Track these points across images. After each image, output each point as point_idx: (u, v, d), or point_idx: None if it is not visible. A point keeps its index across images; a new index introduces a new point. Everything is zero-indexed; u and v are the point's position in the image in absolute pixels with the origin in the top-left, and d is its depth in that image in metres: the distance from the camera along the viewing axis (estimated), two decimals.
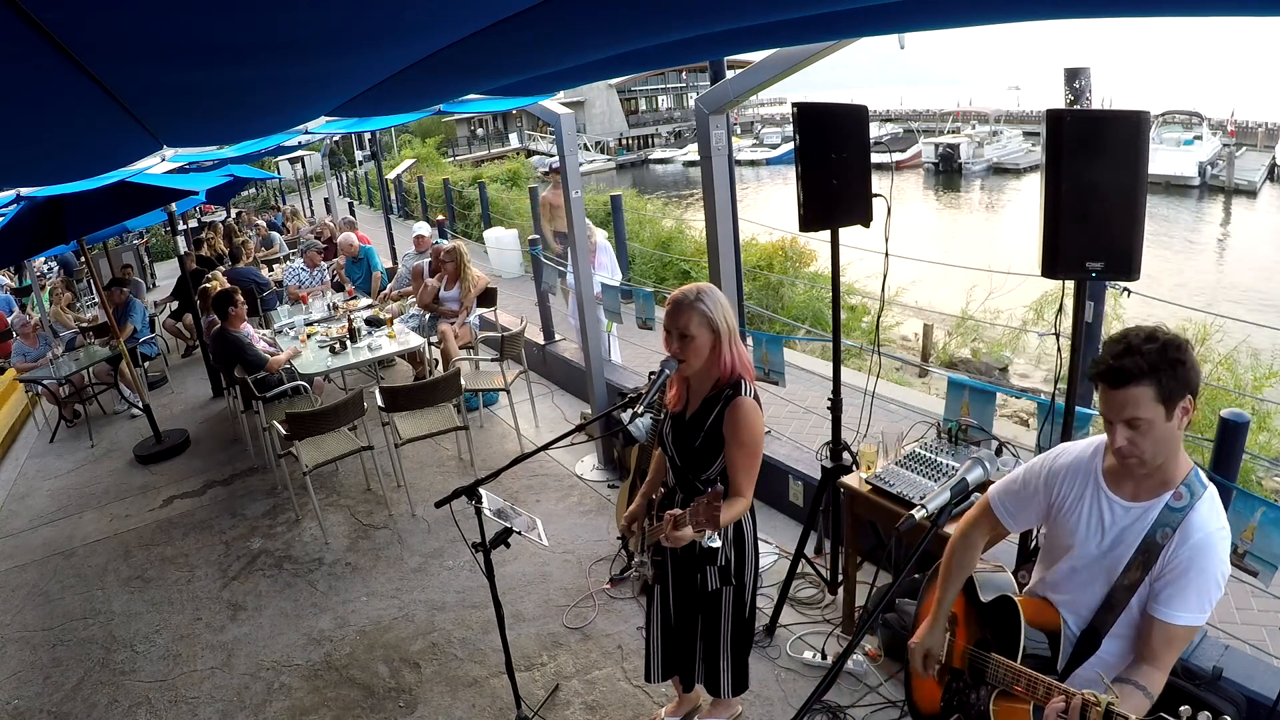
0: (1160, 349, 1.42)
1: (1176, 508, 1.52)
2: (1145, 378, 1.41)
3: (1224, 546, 1.50)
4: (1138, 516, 1.56)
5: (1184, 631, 1.49)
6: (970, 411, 2.96)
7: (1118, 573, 1.57)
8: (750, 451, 2.12)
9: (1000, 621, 1.71)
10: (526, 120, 46.29)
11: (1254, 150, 32.79)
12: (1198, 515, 1.50)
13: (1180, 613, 1.48)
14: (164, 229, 13.75)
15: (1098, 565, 1.62)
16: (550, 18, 1.40)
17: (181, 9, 1.06)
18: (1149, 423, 1.44)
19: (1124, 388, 1.43)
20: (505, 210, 14.41)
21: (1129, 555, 1.56)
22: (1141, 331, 1.46)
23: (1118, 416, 1.46)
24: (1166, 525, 1.52)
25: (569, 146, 4.28)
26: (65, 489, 5.82)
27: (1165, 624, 1.49)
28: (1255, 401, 5.54)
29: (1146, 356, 1.42)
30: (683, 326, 2.08)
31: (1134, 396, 1.43)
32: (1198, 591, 1.48)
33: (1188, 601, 1.48)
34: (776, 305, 8.84)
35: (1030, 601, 1.72)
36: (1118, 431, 1.47)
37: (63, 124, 1.87)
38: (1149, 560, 1.53)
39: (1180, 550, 1.49)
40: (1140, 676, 1.49)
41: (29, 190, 4.61)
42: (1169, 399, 1.43)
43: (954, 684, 1.83)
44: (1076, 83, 2.57)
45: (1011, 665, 1.61)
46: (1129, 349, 1.43)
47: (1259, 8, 1.35)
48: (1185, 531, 1.50)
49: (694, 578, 2.32)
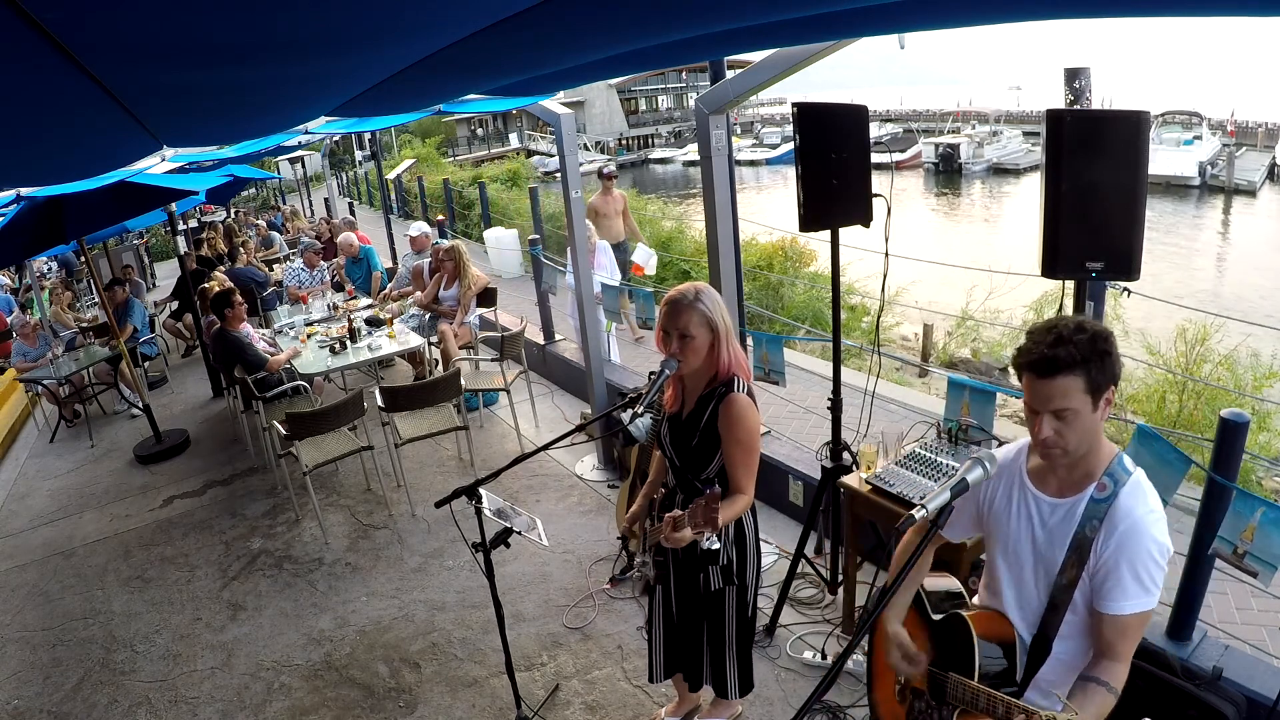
0: (1090, 339, 1.41)
1: (1101, 499, 1.51)
2: (1076, 368, 1.41)
3: (1157, 528, 1.48)
4: (1066, 512, 1.55)
5: (1134, 619, 1.48)
6: (970, 411, 2.96)
7: (1055, 571, 1.56)
8: (747, 448, 2.12)
9: (954, 638, 1.69)
10: (526, 120, 46.29)
11: (1254, 150, 32.79)
12: (1122, 503, 1.49)
13: (1124, 602, 1.47)
14: (164, 229, 13.76)
15: (1035, 567, 1.61)
16: (550, 18, 1.40)
17: (181, 9, 1.06)
18: (1076, 413, 1.43)
19: (1054, 378, 1.42)
20: (505, 210, 14.41)
21: (1063, 554, 1.55)
22: (1070, 321, 1.45)
23: (1045, 407, 1.45)
24: (1094, 518, 1.51)
25: (569, 146, 4.28)
26: (65, 489, 5.82)
27: (1113, 616, 1.48)
28: (1255, 401, 5.54)
29: (1079, 347, 1.40)
30: (682, 327, 2.08)
31: (1063, 387, 1.42)
32: (1135, 577, 1.46)
33: (1128, 590, 1.46)
34: (776, 305, 8.84)
35: (981, 615, 1.70)
36: (1044, 422, 1.46)
37: (63, 124, 1.87)
38: (1083, 556, 1.51)
39: (1110, 541, 1.48)
40: (1101, 672, 1.49)
41: (29, 190, 4.61)
42: (1096, 389, 1.43)
43: (916, 704, 1.81)
44: (1076, 83, 2.57)
45: (970, 684, 1.59)
46: (1060, 339, 1.41)
47: (1259, 8, 1.35)
48: (1112, 521, 1.49)
49: (696, 578, 2.32)
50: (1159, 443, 2.45)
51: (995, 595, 1.72)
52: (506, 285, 9.01)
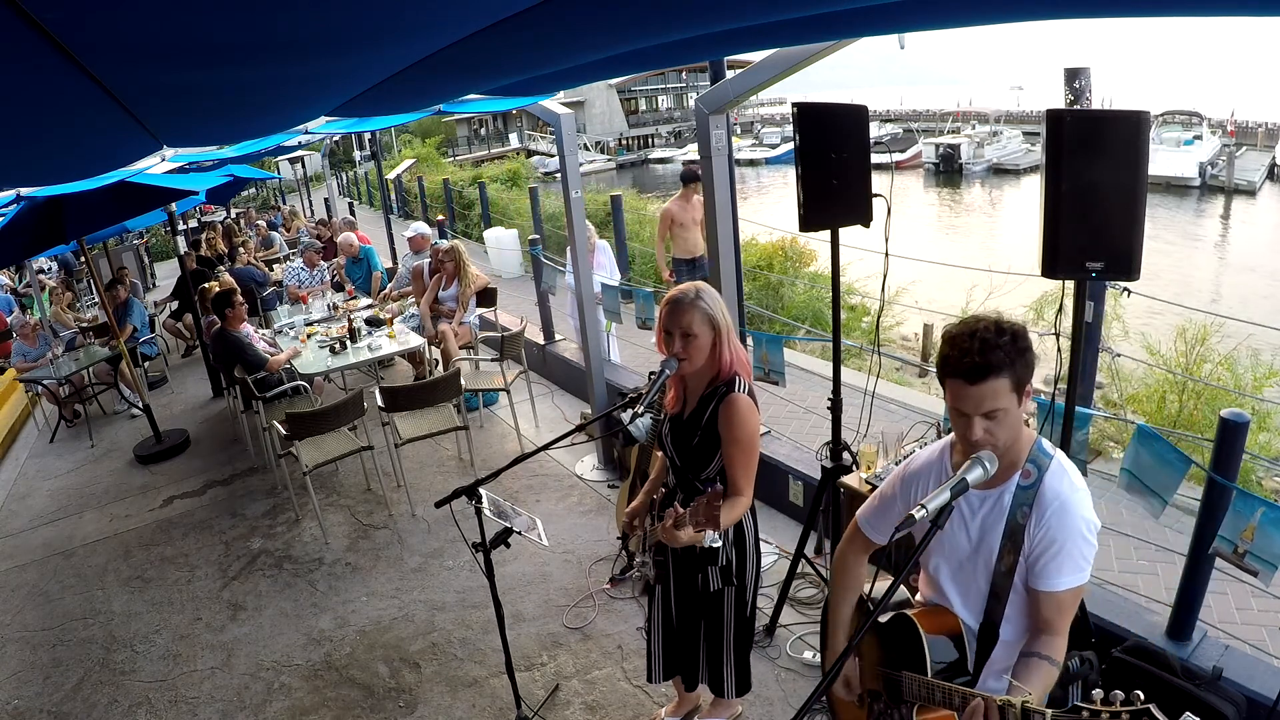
0: (1012, 340, 1.45)
1: (1026, 485, 1.56)
2: (1005, 370, 1.44)
3: (1083, 505, 1.53)
4: (995, 502, 1.60)
5: (1069, 595, 1.53)
6: None
7: (993, 562, 1.60)
8: (746, 449, 2.12)
9: (902, 637, 1.71)
10: (526, 120, 46.29)
11: (1254, 150, 32.80)
12: (1048, 486, 1.54)
13: (1059, 579, 1.52)
14: (164, 229, 13.77)
15: (973, 560, 1.65)
16: (550, 18, 1.40)
17: (181, 9, 1.06)
18: (1005, 411, 1.48)
19: (984, 382, 1.45)
20: (505, 210, 14.41)
21: (998, 543, 1.59)
22: (989, 325, 1.47)
23: (976, 410, 1.48)
24: (1023, 504, 1.55)
25: (569, 146, 4.28)
26: (65, 489, 5.82)
27: (1049, 593, 1.53)
28: (1255, 401, 5.54)
29: (1005, 350, 1.44)
30: (685, 326, 2.09)
31: (994, 389, 1.45)
32: (1069, 555, 1.51)
33: (1062, 567, 1.52)
34: (776, 305, 8.84)
35: (925, 612, 1.73)
36: (975, 424, 1.49)
37: (63, 124, 1.87)
38: (1017, 543, 1.56)
39: (1041, 524, 1.53)
40: (1042, 647, 1.53)
41: (29, 190, 4.61)
42: (1020, 386, 1.48)
43: (875, 705, 1.82)
44: (1076, 83, 2.57)
45: (925, 680, 1.60)
46: (986, 344, 1.44)
47: (1259, 8, 1.35)
48: (1041, 505, 1.53)
49: (695, 578, 2.32)
50: (1159, 443, 2.45)
51: (937, 591, 1.75)
52: (506, 285, 9.02)
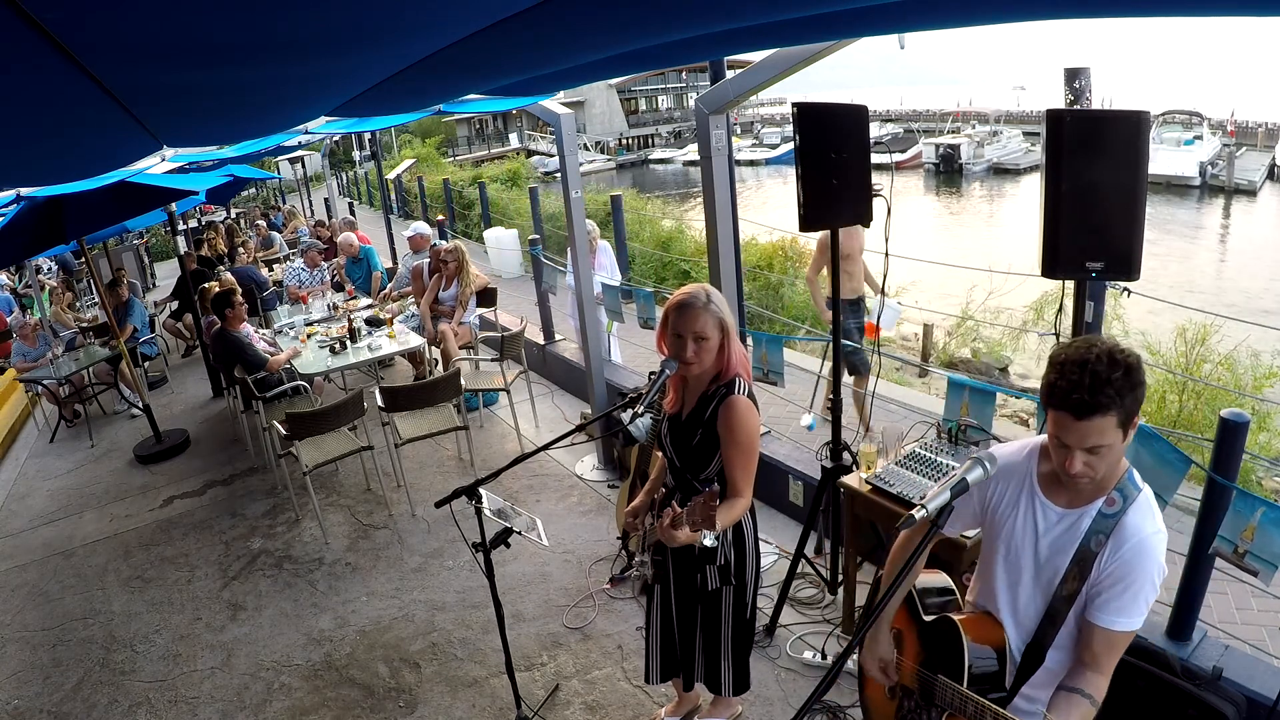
0: (1125, 375, 1.37)
1: (1109, 514, 1.49)
2: (1114, 408, 1.37)
3: (1160, 549, 1.47)
4: (1071, 524, 1.54)
5: (1123, 636, 1.48)
6: (970, 411, 2.96)
7: (1056, 583, 1.55)
8: (746, 450, 2.12)
9: (944, 640, 1.68)
10: (526, 120, 46.28)
11: (1254, 150, 32.78)
12: (1131, 520, 1.47)
13: (1118, 618, 1.47)
14: (164, 229, 13.76)
15: (1035, 576, 1.60)
16: (550, 18, 1.40)
17: (181, 9, 1.06)
18: (1110, 448, 1.41)
19: (1091, 419, 1.37)
20: (505, 210, 14.42)
21: (1065, 564, 1.53)
22: (1102, 356, 1.38)
23: (1081, 445, 1.41)
24: (1100, 532, 1.49)
25: (569, 146, 4.28)
26: (65, 489, 5.82)
27: (1106, 630, 1.48)
28: (1255, 401, 5.54)
29: (1115, 386, 1.36)
30: (699, 330, 2.09)
31: (1100, 426, 1.38)
32: (1134, 597, 1.46)
33: (1124, 607, 1.46)
34: (776, 305, 8.84)
35: (972, 619, 1.69)
36: (1076, 458, 1.42)
37: (63, 124, 1.87)
38: (1085, 569, 1.50)
39: (1115, 557, 1.47)
40: (1084, 684, 1.48)
41: (29, 190, 4.61)
42: (1128, 422, 1.40)
43: (905, 703, 1.81)
44: (1076, 83, 2.57)
45: (959, 689, 1.58)
46: (1098, 380, 1.36)
47: (1259, 8, 1.35)
48: (1119, 538, 1.47)
49: (694, 577, 2.32)
50: (1159, 443, 2.45)
51: (990, 598, 1.70)
52: (506, 285, 9.02)
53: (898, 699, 1.86)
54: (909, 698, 1.79)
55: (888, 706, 1.91)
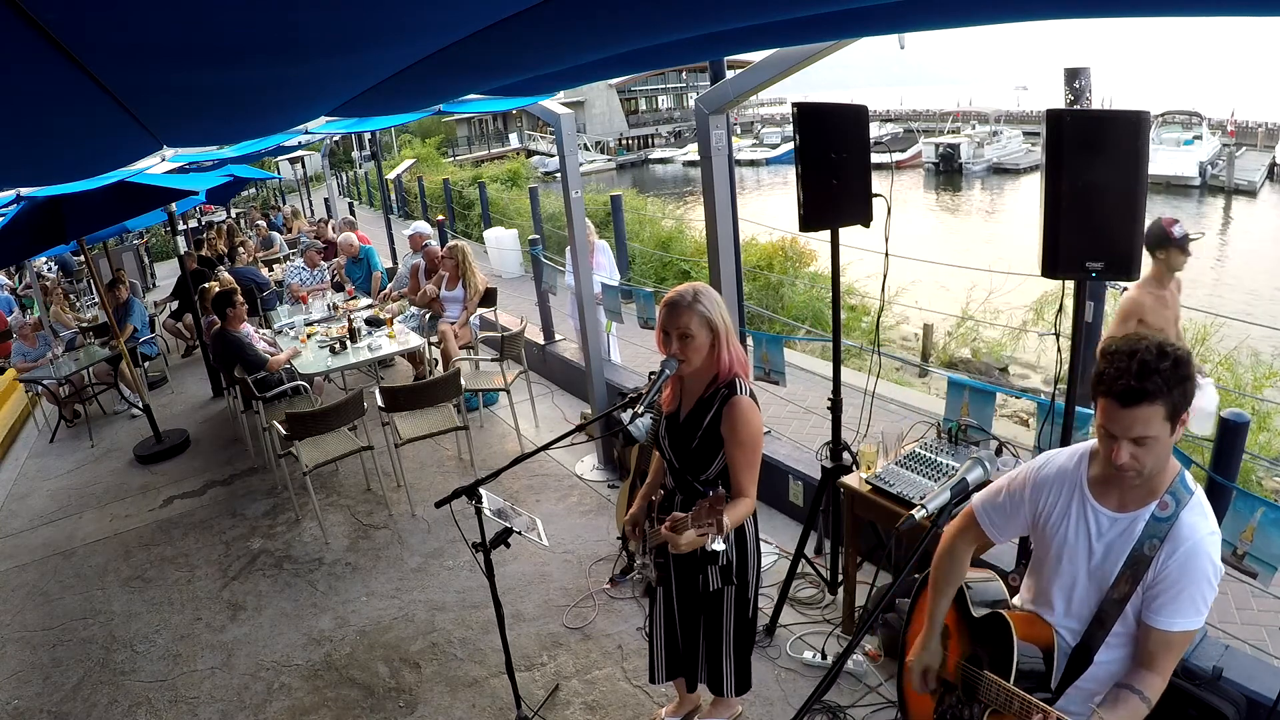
0: (1173, 366, 1.38)
1: (1163, 517, 1.50)
2: (1161, 398, 1.37)
3: (1215, 550, 1.48)
4: (1125, 528, 1.54)
5: (1181, 637, 1.49)
6: (970, 411, 2.96)
7: (1108, 586, 1.56)
8: (750, 450, 2.12)
9: (993, 636, 1.69)
10: (526, 120, 46.28)
11: (1254, 150, 32.77)
12: (1184, 524, 1.48)
13: (1176, 619, 1.48)
14: (164, 229, 13.76)
15: (1088, 580, 1.60)
16: (550, 18, 1.40)
17: (181, 9, 1.06)
18: (1156, 439, 1.41)
19: (1138, 407, 1.38)
20: (505, 210, 14.42)
21: (1118, 568, 1.54)
22: (1150, 347, 1.39)
23: (1126, 434, 1.42)
24: (1154, 536, 1.50)
25: (569, 146, 4.28)
26: (65, 489, 5.82)
27: (1163, 632, 1.49)
28: (1255, 401, 5.54)
29: (1164, 376, 1.37)
30: (682, 327, 2.09)
31: (1146, 415, 1.39)
32: (1190, 599, 1.47)
33: (1181, 608, 1.47)
34: (776, 305, 8.84)
35: (1022, 617, 1.70)
36: (1122, 448, 1.43)
37: (63, 124, 1.87)
38: (1138, 573, 1.51)
39: (1170, 560, 1.48)
40: (1139, 682, 1.49)
41: (29, 190, 4.61)
42: (1176, 415, 1.41)
43: (946, 697, 1.81)
44: (1076, 83, 2.57)
45: (1004, 685, 1.59)
46: (1146, 369, 1.37)
47: (1259, 8, 1.35)
48: (1174, 541, 1.48)
49: (696, 579, 2.32)
50: None
51: (1041, 601, 1.71)
52: (506, 285, 9.01)
53: (937, 693, 1.86)
54: (950, 693, 1.79)
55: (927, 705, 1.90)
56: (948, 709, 1.78)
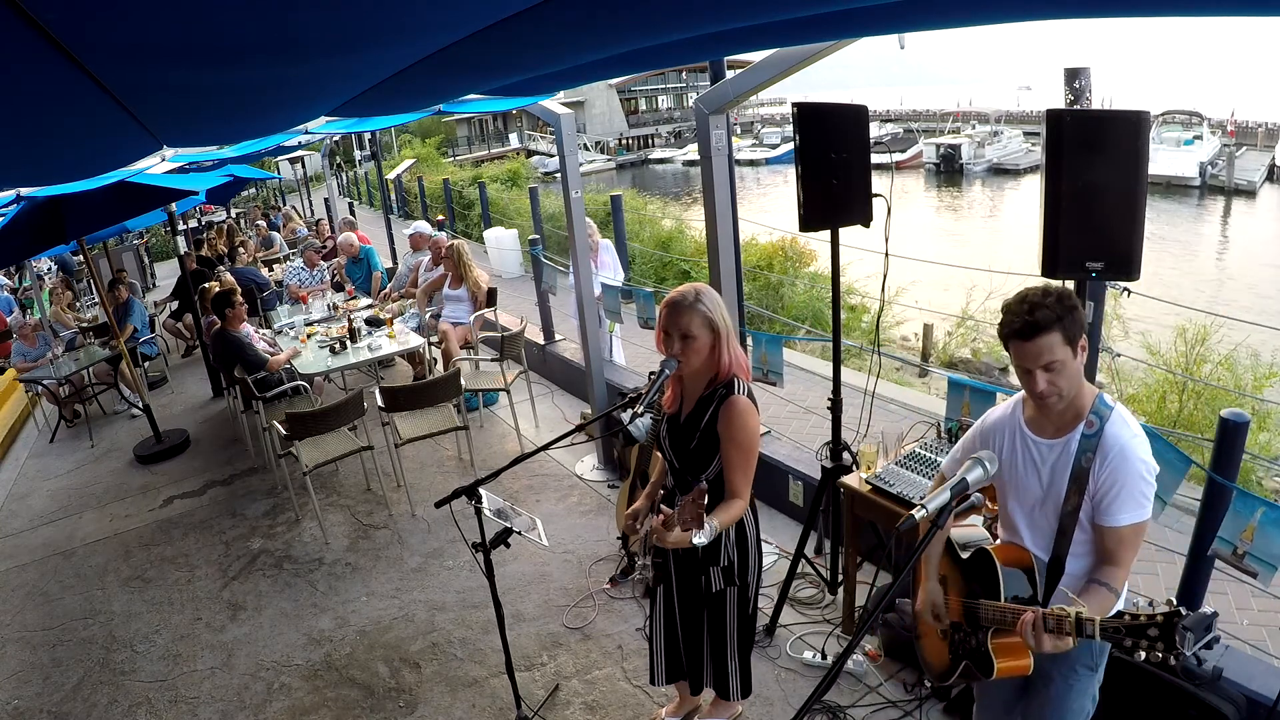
0: (1058, 299, 1.64)
1: (1090, 434, 1.73)
2: (1054, 325, 1.63)
3: (1142, 449, 1.70)
4: (1061, 450, 1.77)
5: (1130, 530, 1.70)
6: (970, 411, 2.96)
7: (1060, 503, 1.78)
8: (746, 450, 2.12)
9: (982, 571, 1.87)
10: (526, 120, 46.28)
11: (1254, 150, 32.78)
12: (1110, 435, 1.71)
13: (1122, 515, 1.69)
14: (164, 229, 13.75)
15: (1043, 502, 1.82)
16: (551, 18, 1.40)
17: (181, 9, 1.06)
18: (1063, 363, 1.66)
19: (1038, 338, 1.64)
20: (505, 210, 14.42)
21: (1064, 486, 1.76)
22: (1036, 290, 1.68)
23: (1036, 364, 1.66)
24: (1087, 451, 1.72)
25: (569, 146, 4.28)
26: (65, 489, 5.82)
27: (1113, 528, 1.71)
28: (1255, 401, 5.54)
29: (1052, 308, 1.63)
30: (684, 328, 2.09)
31: (1048, 343, 1.64)
32: (1130, 495, 1.68)
33: (1125, 505, 1.68)
34: (776, 305, 8.84)
35: (1002, 548, 1.91)
36: (1038, 378, 1.68)
37: (63, 124, 1.87)
38: (1082, 485, 1.73)
39: (1105, 467, 1.70)
40: (1104, 575, 1.71)
41: (29, 190, 4.61)
42: (1073, 340, 1.66)
43: (955, 635, 1.94)
44: (1076, 83, 2.57)
45: (998, 605, 1.77)
46: (1035, 305, 1.64)
47: (1259, 8, 1.35)
48: (1104, 451, 1.70)
49: (697, 579, 2.32)
50: (1159, 443, 2.44)
51: (1012, 532, 1.93)
52: (506, 285, 9.01)
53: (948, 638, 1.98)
54: (958, 631, 1.94)
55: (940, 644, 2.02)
56: (959, 645, 1.93)
